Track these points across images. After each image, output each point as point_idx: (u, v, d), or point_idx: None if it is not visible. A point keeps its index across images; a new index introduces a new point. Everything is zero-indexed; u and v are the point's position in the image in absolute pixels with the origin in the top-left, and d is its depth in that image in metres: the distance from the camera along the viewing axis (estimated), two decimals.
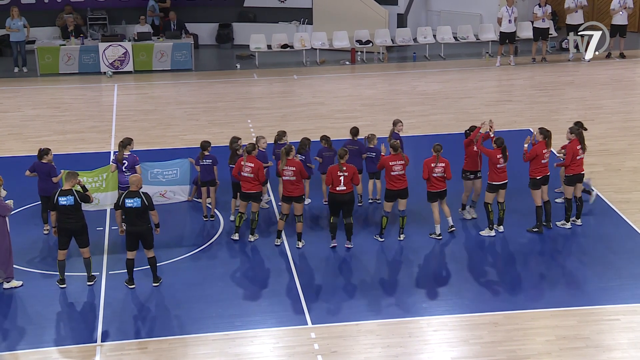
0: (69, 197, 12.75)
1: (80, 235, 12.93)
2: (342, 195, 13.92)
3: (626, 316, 12.23)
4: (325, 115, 20.91)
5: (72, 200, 12.75)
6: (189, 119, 20.83)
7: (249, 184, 14.10)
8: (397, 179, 14.09)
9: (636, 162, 17.33)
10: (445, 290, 13.06)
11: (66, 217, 12.80)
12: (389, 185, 14.18)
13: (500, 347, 11.52)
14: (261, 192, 14.32)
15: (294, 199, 14.06)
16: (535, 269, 13.63)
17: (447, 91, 22.84)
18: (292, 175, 13.91)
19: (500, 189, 14.36)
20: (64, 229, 12.89)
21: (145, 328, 12.18)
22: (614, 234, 14.68)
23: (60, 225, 12.88)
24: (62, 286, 13.07)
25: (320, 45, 25.90)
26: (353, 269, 13.68)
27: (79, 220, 12.91)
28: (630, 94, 22.57)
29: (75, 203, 12.77)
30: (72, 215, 12.80)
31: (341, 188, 13.87)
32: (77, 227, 12.90)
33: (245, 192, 14.16)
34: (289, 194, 14.04)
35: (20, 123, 20.69)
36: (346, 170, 13.86)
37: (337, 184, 13.88)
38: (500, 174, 14.28)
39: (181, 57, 24.94)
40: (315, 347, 11.58)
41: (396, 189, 14.13)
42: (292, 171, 13.90)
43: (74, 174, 13.08)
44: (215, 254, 14.23)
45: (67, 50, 24.47)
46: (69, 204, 12.73)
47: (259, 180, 14.08)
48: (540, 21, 25.09)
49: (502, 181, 14.34)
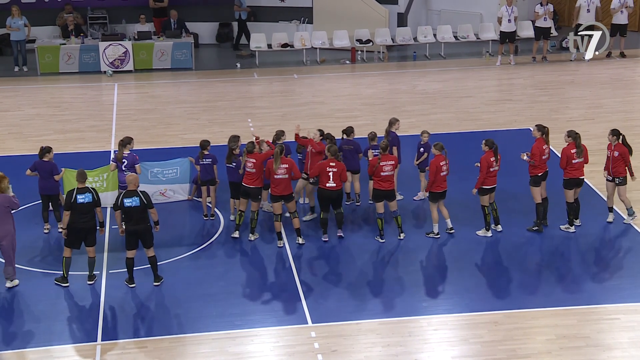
0: (87, 194, 12.80)
1: (91, 234, 12.97)
2: (332, 192, 14.03)
3: (626, 315, 12.23)
4: (326, 114, 20.90)
5: (91, 197, 12.81)
6: (189, 118, 20.83)
7: (250, 179, 14.13)
8: (386, 179, 14.09)
9: (636, 161, 17.28)
10: (445, 289, 13.06)
11: (82, 216, 12.80)
12: (377, 185, 14.19)
13: (501, 346, 11.52)
14: (260, 188, 14.32)
15: (284, 198, 14.08)
16: (535, 268, 13.63)
17: (447, 90, 22.83)
18: (285, 173, 13.93)
19: (491, 192, 14.34)
20: (77, 229, 12.84)
21: (145, 327, 12.18)
22: (614, 233, 14.67)
23: (74, 225, 12.81)
24: (65, 285, 13.03)
25: (321, 44, 25.89)
26: (353, 268, 13.68)
27: (92, 218, 12.95)
28: (631, 93, 22.57)
29: (93, 201, 12.82)
30: (88, 213, 12.83)
31: (331, 184, 13.96)
32: (91, 226, 12.94)
33: (245, 187, 14.18)
34: (280, 193, 14.06)
35: (21, 122, 20.69)
36: (335, 166, 13.91)
37: (326, 180, 13.93)
38: (491, 178, 14.25)
39: (181, 56, 24.94)
40: (315, 346, 11.58)
41: (384, 189, 14.13)
42: (284, 169, 13.92)
43: (83, 172, 13.09)
44: (216, 253, 14.23)
45: (68, 50, 24.47)
46: (88, 202, 12.77)
47: (260, 177, 14.11)
48: (542, 20, 25.07)
49: (493, 185, 14.31)
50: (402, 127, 15.89)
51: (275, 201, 14.17)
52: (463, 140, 18.52)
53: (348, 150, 15.28)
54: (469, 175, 15.80)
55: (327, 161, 14.07)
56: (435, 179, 14.11)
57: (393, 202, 14.28)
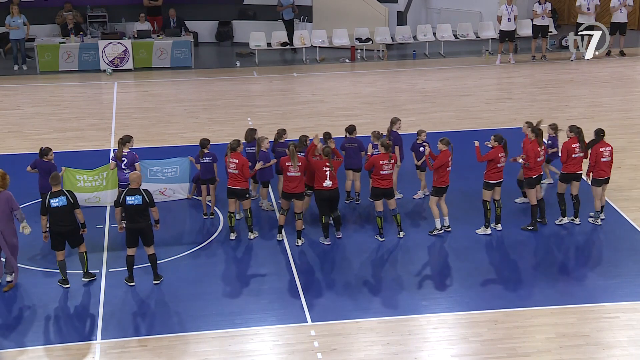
0: (62, 197, 12.61)
1: (73, 236, 12.78)
2: (330, 192, 14.01)
3: (626, 314, 12.23)
4: (325, 113, 20.90)
5: (65, 201, 12.62)
6: (189, 116, 20.82)
7: (234, 180, 14.13)
8: (385, 177, 14.08)
9: (636, 159, 17.32)
10: (445, 287, 13.06)
11: (60, 219, 12.62)
12: (376, 183, 14.18)
13: (500, 345, 11.52)
14: (247, 189, 14.29)
15: (295, 196, 14.07)
16: (534, 267, 13.63)
17: (447, 89, 22.83)
18: (298, 171, 13.93)
19: (497, 186, 14.35)
20: (56, 232, 12.68)
21: (145, 325, 12.17)
22: (613, 232, 14.68)
23: (53, 228, 12.65)
24: (66, 286, 12.99)
25: (320, 43, 25.88)
26: (353, 266, 13.68)
27: (72, 222, 12.73)
28: (630, 92, 22.57)
29: (68, 204, 12.62)
30: (66, 217, 12.61)
31: (327, 184, 13.94)
32: (71, 230, 12.72)
33: (230, 188, 14.18)
34: (292, 191, 14.05)
35: (20, 121, 20.68)
36: (330, 166, 13.95)
37: (323, 179, 13.93)
38: (498, 172, 14.26)
39: (181, 55, 24.93)
40: (315, 345, 11.59)
41: (383, 187, 14.12)
42: (298, 167, 13.92)
43: (56, 176, 12.90)
44: (215, 251, 14.23)
45: (67, 48, 24.46)
46: (62, 205, 12.57)
47: (244, 177, 14.10)
48: (540, 19, 25.08)
49: (499, 180, 14.32)
50: (402, 126, 15.87)
51: (285, 198, 14.17)
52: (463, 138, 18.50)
53: (351, 149, 15.28)
54: (469, 174, 15.84)
55: (323, 161, 14.04)
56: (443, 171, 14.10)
57: (392, 200, 14.28)
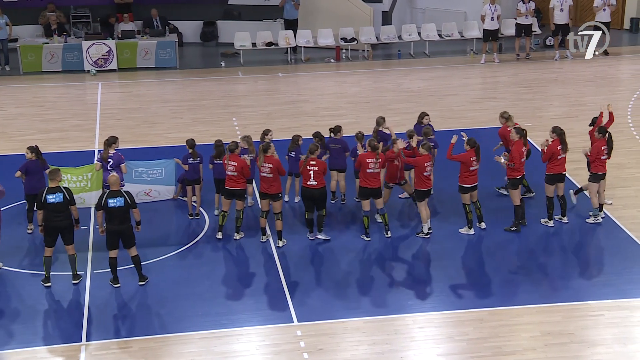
0: (58, 194, 12.72)
1: (67, 232, 12.90)
2: (313, 190, 14.00)
3: (610, 312, 12.29)
4: (310, 112, 20.90)
5: (62, 197, 12.73)
6: (174, 117, 20.77)
7: (233, 182, 14.10)
8: (372, 177, 14.10)
9: (619, 158, 17.40)
10: (431, 287, 13.08)
11: (55, 215, 12.75)
12: (363, 182, 14.19)
13: (486, 344, 11.56)
14: (245, 190, 14.30)
15: (270, 197, 14.06)
16: (519, 266, 13.67)
17: (431, 88, 22.88)
18: (269, 172, 13.92)
19: (471, 190, 14.36)
20: (52, 227, 12.82)
21: (131, 327, 12.13)
22: (598, 231, 14.75)
23: (48, 223, 12.81)
24: (47, 285, 13.00)
25: (305, 43, 25.88)
26: (339, 266, 13.68)
27: (67, 217, 12.87)
28: (614, 91, 22.68)
29: (64, 200, 12.74)
30: (61, 213, 12.76)
31: (311, 182, 13.95)
32: (65, 225, 12.86)
33: (228, 189, 14.15)
34: (265, 191, 14.05)
35: (4, 122, 20.56)
36: (316, 165, 13.91)
37: (307, 179, 13.94)
38: (472, 176, 14.27)
39: (165, 55, 24.86)
40: (301, 345, 11.58)
41: (371, 187, 14.13)
42: (269, 168, 13.91)
43: (56, 171, 13.06)
44: (201, 252, 14.20)
45: (50, 49, 24.34)
46: (59, 201, 12.70)
47: (243, 178, 14.09)
48: (524, 17, 25.19)
49: (474, 183, 14.33)
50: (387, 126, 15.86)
51: (262, 198, 14.17)
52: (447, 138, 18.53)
53: (335, 149, 15.29)
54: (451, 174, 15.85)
55: (308, 159, 14.06)
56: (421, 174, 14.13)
57: (379, 200, 14.30)
